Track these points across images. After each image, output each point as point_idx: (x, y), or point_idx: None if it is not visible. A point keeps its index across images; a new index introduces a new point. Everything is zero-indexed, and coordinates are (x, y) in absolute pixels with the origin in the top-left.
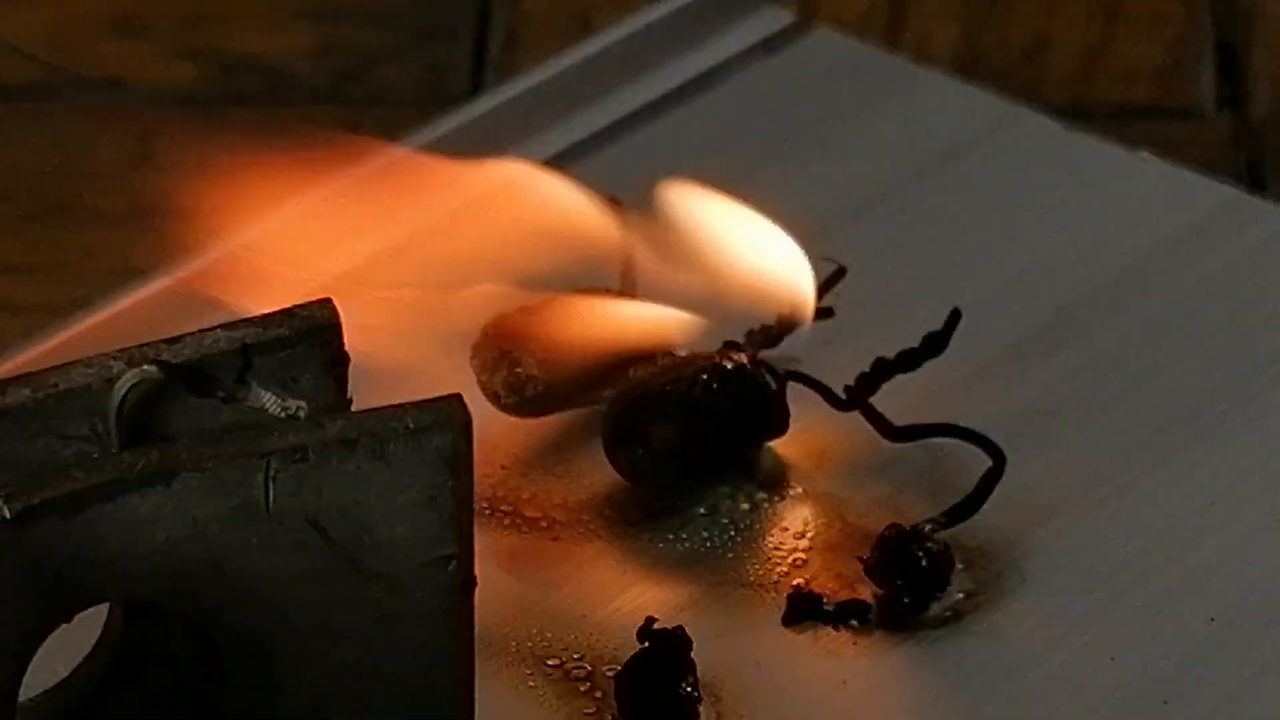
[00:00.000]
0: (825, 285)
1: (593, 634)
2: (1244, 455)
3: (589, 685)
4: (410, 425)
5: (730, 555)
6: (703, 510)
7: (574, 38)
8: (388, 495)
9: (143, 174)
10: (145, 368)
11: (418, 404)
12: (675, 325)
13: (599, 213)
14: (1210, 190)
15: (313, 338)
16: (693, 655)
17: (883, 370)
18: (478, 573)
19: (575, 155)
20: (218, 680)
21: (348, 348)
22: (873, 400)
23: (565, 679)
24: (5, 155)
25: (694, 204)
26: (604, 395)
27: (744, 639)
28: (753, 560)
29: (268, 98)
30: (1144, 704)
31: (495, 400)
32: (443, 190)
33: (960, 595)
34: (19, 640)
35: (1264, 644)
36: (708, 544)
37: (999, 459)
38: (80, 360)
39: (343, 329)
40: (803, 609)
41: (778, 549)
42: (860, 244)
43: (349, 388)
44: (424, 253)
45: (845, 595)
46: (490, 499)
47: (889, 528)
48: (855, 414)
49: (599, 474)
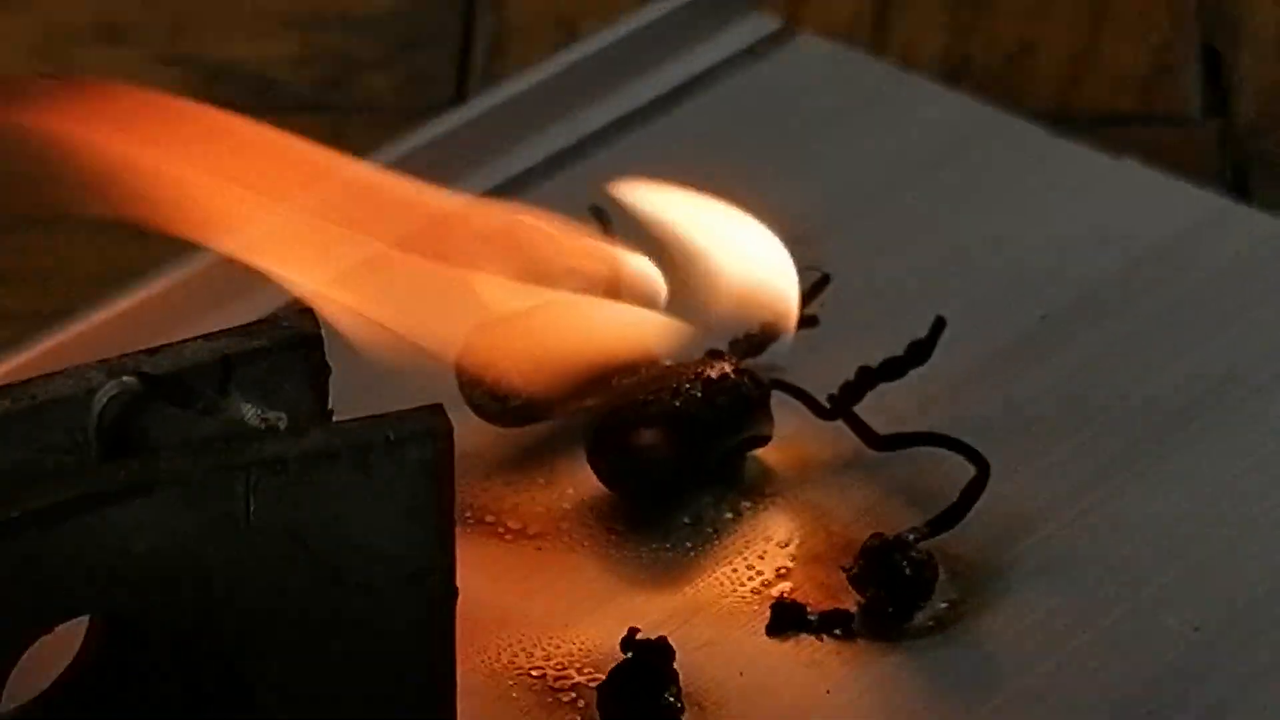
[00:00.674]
0: (809, 293)
1: (576, 644)
2: (1228, 464)
3: (572, 695)
4: (391, 436)
5: (714, 565)
6: (687, 519)
7: (559, 45)
8: (369, 506)
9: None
10: (125, 379)
11: (398, 414)
12: (658, 329)
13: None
14: (1195, 197)
15: (294, 348)
16: (676, 665)
17: (867, 379)
18: (460, 583)
19: (560, 162)
20: (198, 692)
21: (329, 358)
22: (857, 409)
23: (548, 689)
24: None
25: (678, 207)
26: (587, 405)
27: (728, 649)
28: (736, 570)
29: (251, 105)
30: (1128, 714)
31: (478, 410)
32: (413, 207)
33: (944, 604)
34: None
35: (1248, 654)
36: (691, 553)
37: (983, 468)
38: (60, 371)
39: (324, 340)
40: (786, 618)
41: (761, 558)
42: (844, 251)
43: (330, 398)
44: (400, 266)
45: (829, 605)
46: (473, 508)
47: (873, 537)
48: (839, 423)
49: (582, 483)
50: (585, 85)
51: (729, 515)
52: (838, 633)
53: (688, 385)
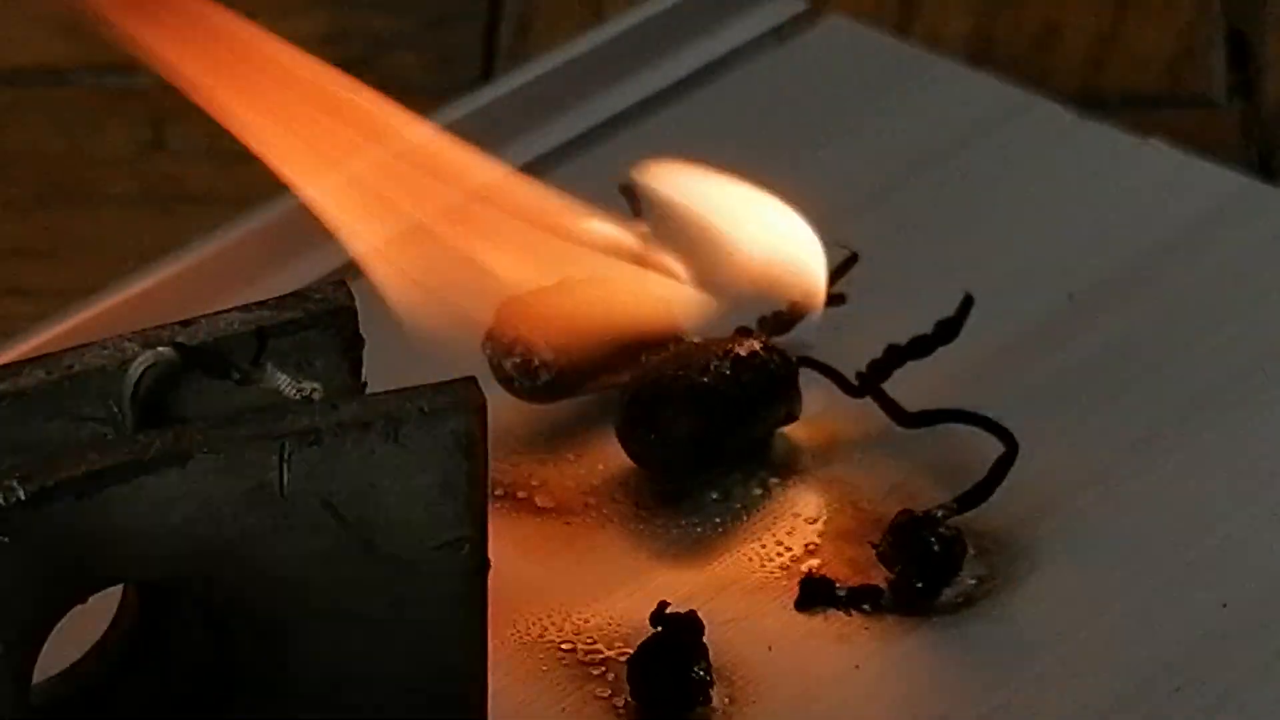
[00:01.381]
0: (837, 272)
1: (606, 618)
2: (1255, 441)
3: (602, 669)
4: (425, 408)
5: (743, 540)
6: (715, 495)
7: (586, 25)
8: (402, 478)
9: (154, 158)
10: (161, 349)
11: (432, 387)
12: (686, 303)
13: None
14: (1221, 178)
15: (328, 321)
16: (705, 640)
17: (895, 356)
18: (490, 557)
19: (586, 142)
20: (231, 662)
21: (362, 330)
22: (885, 386)
23: (578, 663)
24: (16, 139)
25: (703, 189)
26: (617, 381)
27: (756, 623)
28: (765, 545)
29: None
30: (1156, 690)
31: (508, 385)
32: (459, 177)
33: (972, 581)
34: (33, 621)
35: (1276, 630)
36: (720, 529)
37: (1011, 445)
38: (95, 342)
39: (357, 312)
40: (815, 594)
41: (790, 534)
42: (872, 231)
43: (363, 371)
44: (433, 240)
45: (857, 580)
46: (503, 484)
47: (901, 513)
48: (868, 400)
49: (612, 459)
50: (612, 65)
51: (758, 491)
52: (866, 608)
53: (716, 362)
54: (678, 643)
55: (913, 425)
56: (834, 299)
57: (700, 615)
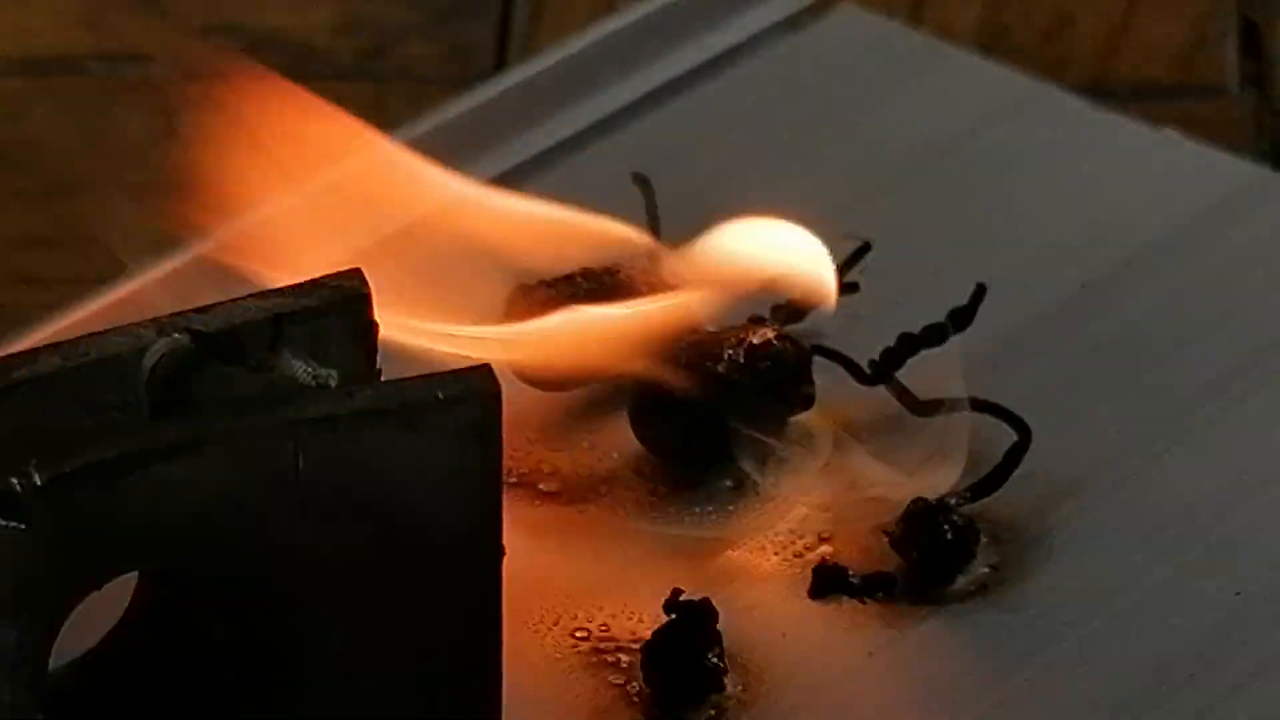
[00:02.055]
0: (850, 261)
1: (620, 605)
2: (1269, 430)
3: (616, 656)
4: (440, 395)
5: (756, 528)
6: (729, 483)
7: (598, 15)
8: (417, 465)
9: (168, 148)
10: (176, 336)
11: (447, 374)
12: (692, 307)
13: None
14: (1233, 167)
15: (343, 308)
16: (719, 627)
17: (908, 345)
18: (505, 544)
19: (599, 132)
20: (246, 649)
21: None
22: (898, 374)
23: (593, 650)
24: (31, 130)
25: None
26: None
27: (770, 611)
28: (778, 533)
29: (292, 74)
30: (1169, 678)
31: (522, 373)
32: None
33: (985, 569)
34: (50, 607)
35: None
36: (734, 517)
37: (1024, 433)
38: (111, 329)
39: (372, 299)
40: (829, 581)
41: (803, 522)
42: (885, 220)
43: (378, 358)
44: (435, 237)
45: (871, 568)
46: (517, 471)
47: (914, 501)
48: (881, 388)
49: (626, 447)
50: (625, 55)
51: (771, 479)
52: (880, 596)
53: (730, 351)
54: (691, 630)
55: (926, 413)
56: (847, 287)
57: (714, 603)
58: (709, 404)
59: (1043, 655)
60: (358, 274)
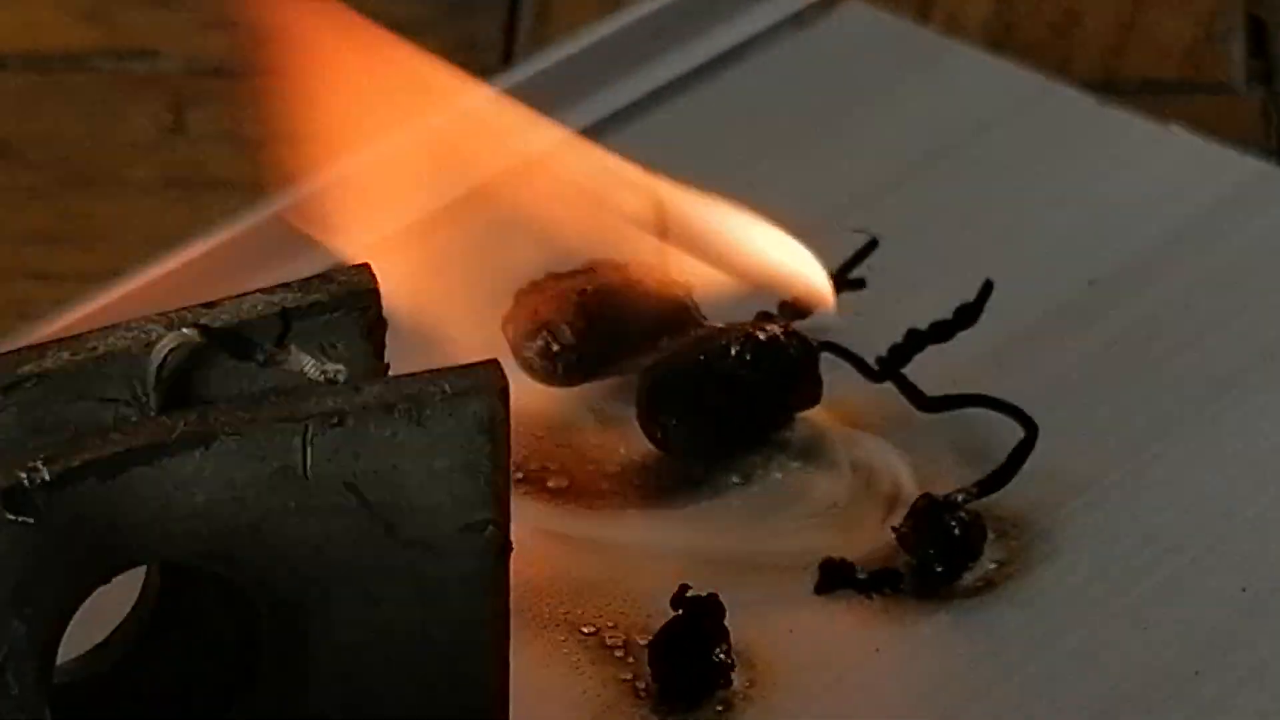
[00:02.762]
0: (857, 257)
1: (627, 601)
2: (1275, 426)
3: (623, 652)
4: (447, 390)
5: (763, 524)
6: (736, 479)
7: (606, 11)
8: (425, 460)
9: (175, 143)
10: (184, 331)
11: (455, 369)
12: (708, 287)
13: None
14: (1240, 164)
15: (351, 303)
16: (726, 623)
17: (915, 341)
18: (512, 539)
19: (605, 128)
20: (253, 643)
21: (385, 313)
22: (905, 371)
23: (599, 645)
24: (38, 125)
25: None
26: (638, 364)
27: (777, 607)
28: (785, 529)
29: None
30: (1175, 674)
31: (529, 368)
32: (497, 149)
33: (992, 565)
34: (58, 602)
35: None
36: (741, 513)
37: (1031, 429)
38: (119, 324)
39: (380, 294)
40: (836, 578)
41: (810, 518)
42: (892, 216)
43: (386, 353)
44: (471, 214)
45: (878, 564)
46: (524, 467)
47: (921, 497)
48: (888, 384)
49: (633, 443)
50: (631, 51)
51: (778, 476)
52: (886, 592)
53: (737, 347)
54: (699, 626)
55: (933, 409)
56: (854, 284)
57: (721, 598)
58: (716, 400)
59: (1050, 651)
60: (366, 269)
